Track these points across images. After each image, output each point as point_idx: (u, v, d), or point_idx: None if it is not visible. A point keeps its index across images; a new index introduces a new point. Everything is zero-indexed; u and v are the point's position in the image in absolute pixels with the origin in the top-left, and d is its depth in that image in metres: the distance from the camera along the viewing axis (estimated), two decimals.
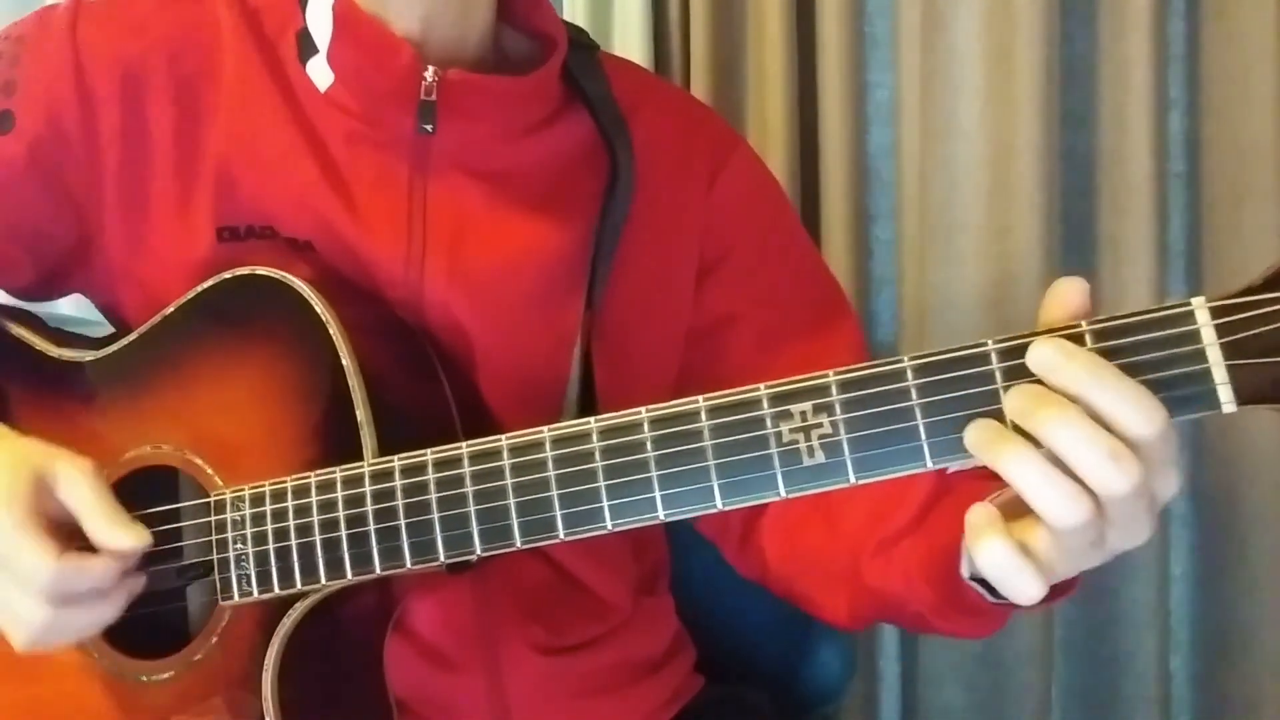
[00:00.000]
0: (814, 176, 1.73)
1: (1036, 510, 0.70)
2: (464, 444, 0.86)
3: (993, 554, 0.72)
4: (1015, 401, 0.71)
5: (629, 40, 1.73)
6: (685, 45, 1.76)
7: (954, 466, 0.75)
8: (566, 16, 1.26)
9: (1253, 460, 1.58)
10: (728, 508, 0.78)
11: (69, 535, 0.92)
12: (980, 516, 0.74)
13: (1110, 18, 1.61)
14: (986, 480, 0.74)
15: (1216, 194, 1.61)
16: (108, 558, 0.91)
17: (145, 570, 0.95)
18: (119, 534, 0.91)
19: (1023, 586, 0.72)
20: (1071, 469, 0.69)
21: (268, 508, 0.93)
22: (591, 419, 0.82)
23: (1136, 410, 0.68)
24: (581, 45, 1.13)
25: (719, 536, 1.17)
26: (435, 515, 0.87)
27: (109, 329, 1.12)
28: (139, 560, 0.94)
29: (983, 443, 0.72)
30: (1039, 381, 0.71)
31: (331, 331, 0.93)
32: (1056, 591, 0.79)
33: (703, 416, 0.78)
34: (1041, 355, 0.70)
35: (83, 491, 0.92)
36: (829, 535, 1.04)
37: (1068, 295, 0.73)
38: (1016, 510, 0.74)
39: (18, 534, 0.88)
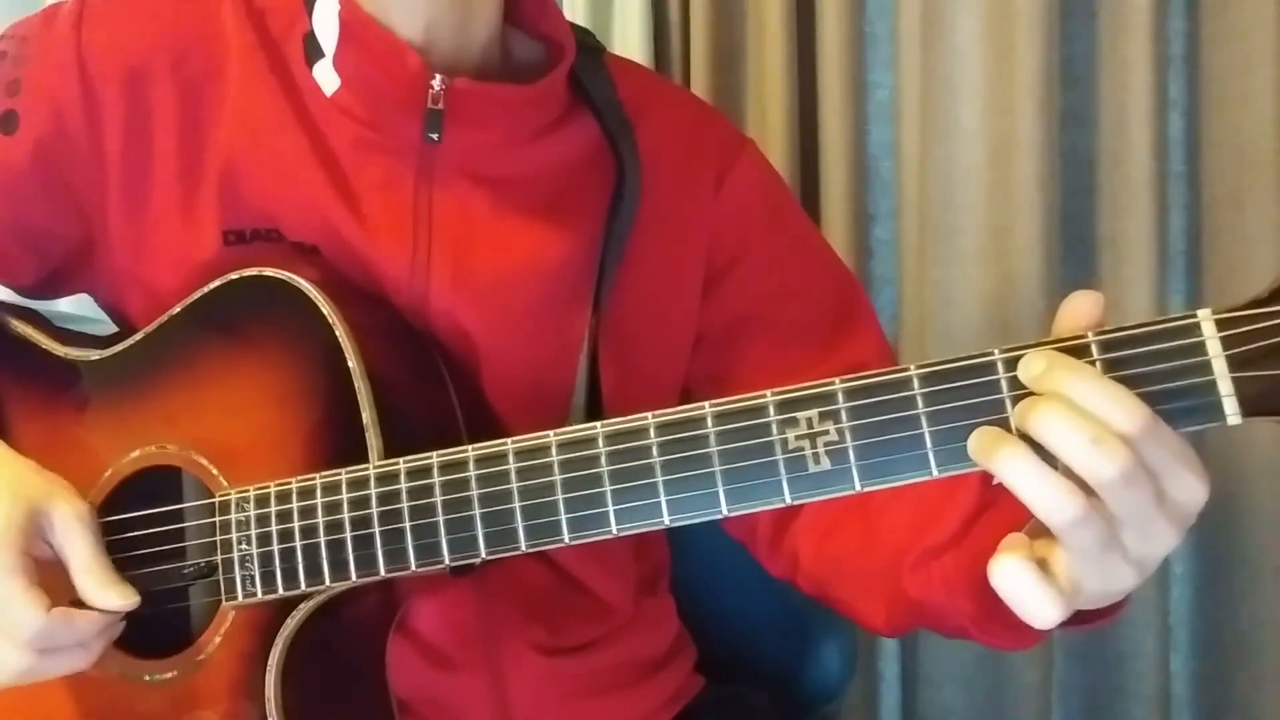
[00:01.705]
0: (814, 176, 1.73)
1: (1031, 508, 0.70)
2: (469, 447, 0.86)
3: (1006, 572, 0.71)
4: (1017, 410, 0.72)
5: (629, 40, 1.73)
6: (685, 45, 1.76)
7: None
8: (566, 16, 1.25)
9: (1253, 461, 1.58)
10: (733, 514, 0.78)
11: (56, 574, 0.93)
12: (1007, 541, 0.74)
13: (1110, 18, 1.62)
14: None
15: (1216, 194, 1.62)
16: (95, 613, 0.92)
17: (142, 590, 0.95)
18: (109, 595, 0.93)
19: (1036, 607, 0.71)
20: (1062, 459, 0.69)
21: (272, 508, 0.93)
22: (598, 424, 0.82)
23: (1112, 402, 0.68)
24: (588, 48, 1.13)
25: (747, 537, 1.16)
26: (440, 518, 0.87)
27: (112, 327, 1.12)
28: (140, 562, 0.95)
29: (980, 449, 0.72)
30: None
31: (338, 333, 0.93)
32: (1098, 615, 0.80)
33: (709, 423, 0.78)
34: (1026, 366, 0.71)
35: (77, 544, 0.93)
36: (867, 542, 1.03)
37: (1082, 309, 0.73)
38: (1042, 530, 0.74)
39: (9, 581, 0.89)
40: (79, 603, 0.92)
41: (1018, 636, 0.89)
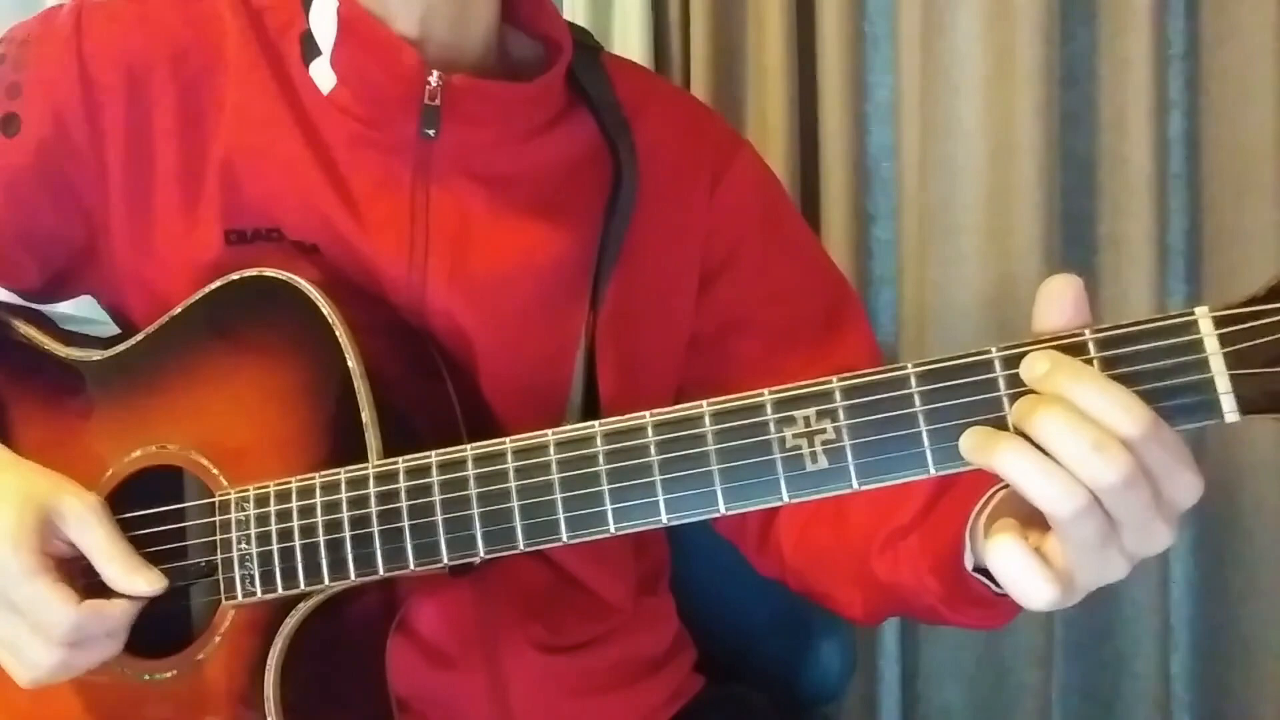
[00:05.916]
0: (814, 176, 1.73)
1: (1033, 500, 0.70)
2: (468, 446, 0.87)
3: (1003, 553, 0.72)
4: (1016, 409, 0.71)
5: (629, 40, 1.73)
6: (685, 45, 1.76)
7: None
8: (566, 16, 1.25)
9: (1252, 461, 1.58)
10: (730, 512, 0.78)
11: (72, 570, 0.93)
12: (999, 525, 0.74)
13: (1110, 18, 1.61)
14: (988, 474, 0.74)
15: (1216, 194, 1.61)
16: (124, 600, 0.93)
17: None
18: (137, 580, 0.93)
19: (1034, 588, 0.71)
20: (1062, 463, 0.69)
21: (272, 508, 0.93)
22: (596, 423, 0.82)
23: (1116, 405, 0.68)
24: (585, 47, 1.13)
25: (737, 537, 1.17)
26: (439, 517, 0.87)
27: (114, 328, 1.12)
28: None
29: (976, 447, 0.72)
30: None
31: (338, 333, 0.94)
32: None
33: (707, 421, 0.78)
34: (1029, 367, 0.71)
35: (95, 534, 0.94)
36: (838, 532, 1.04)
37: (1060, 293, 0.73)
38: (1030, 519, 0.74)
39: (33, 582, 0.90)
40: (99, 592, 0.93)
41: (988, 615, 0.90)
